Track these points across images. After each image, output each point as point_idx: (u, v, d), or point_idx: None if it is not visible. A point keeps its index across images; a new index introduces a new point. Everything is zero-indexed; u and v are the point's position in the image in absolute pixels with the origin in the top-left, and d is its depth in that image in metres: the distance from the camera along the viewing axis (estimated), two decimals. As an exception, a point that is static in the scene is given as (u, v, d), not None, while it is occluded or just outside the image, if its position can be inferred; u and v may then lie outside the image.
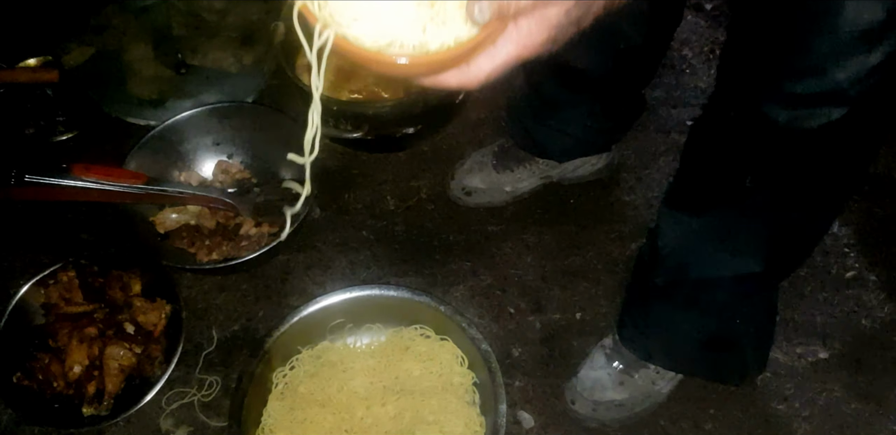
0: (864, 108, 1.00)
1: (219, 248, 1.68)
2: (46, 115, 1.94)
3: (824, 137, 1.04)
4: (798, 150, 1.08)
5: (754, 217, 1.20)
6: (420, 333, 1.56)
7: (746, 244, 1.24)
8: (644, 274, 1.46)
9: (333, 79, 1.86)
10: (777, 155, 1.10)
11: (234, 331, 1.67)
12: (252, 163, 1.83)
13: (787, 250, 1.26)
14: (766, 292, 1.35)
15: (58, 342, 1.55)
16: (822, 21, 0.92)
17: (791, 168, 1.11)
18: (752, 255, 1.25)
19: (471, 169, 1.80)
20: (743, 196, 1.18)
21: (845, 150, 1.08)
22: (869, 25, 0.89)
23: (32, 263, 1.76)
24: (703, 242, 1.28)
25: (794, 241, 1.25)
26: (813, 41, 0.94)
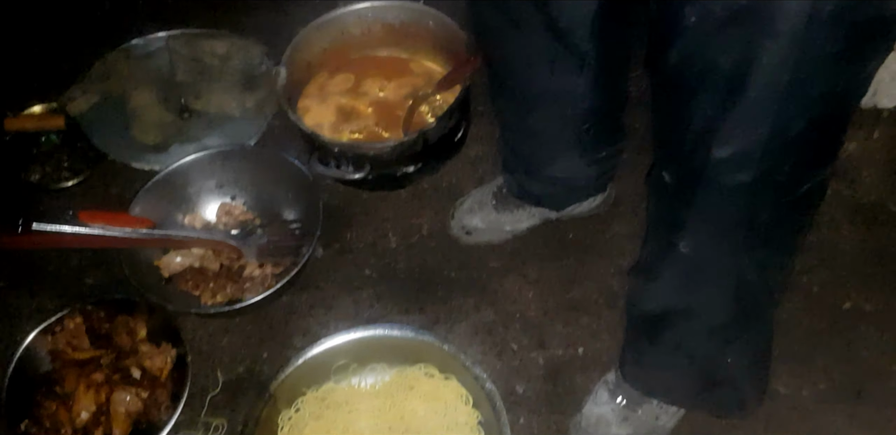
0: (774, 170, 1.03)
1: (223, 290, 1.70)
2: (52, 162, 1.97)
3: (747, 198, 1.08)
4: (730, 212, 1.12)
5: (703, 279, 1.24)
6: (424, 372, 1.57)
7: (707, 300, 1.27)
8: (631, 317, 1.49)
9: (334, 120, 1.89)
10: (713, 217, 1.14)
11: (239, 373, 1.68)
12: (255, 204, 1.86)
13: (750, 302, 1.28)
14: (753, 331, 1.37)
15: (65, 389, 1.57)
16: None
17: (730, 229, 1.15)
18: (716, 308, 1.28)
19: (471, 208, 1.82)
20: (687, 260, 1.21)
21: (768, 210, 1.11)
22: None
23: (39, 309, 1.78)
24: (668, 300, 1.32)
25: (755, 292, 1.27)
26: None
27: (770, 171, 1.03)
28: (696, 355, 1.38)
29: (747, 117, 0.97)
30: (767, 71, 0.91)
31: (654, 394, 1.51)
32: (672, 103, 1.08)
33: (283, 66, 1.81)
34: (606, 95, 1.42)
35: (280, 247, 1.74)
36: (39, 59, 2.18)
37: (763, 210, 1.10)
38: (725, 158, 1.02)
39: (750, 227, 1.13)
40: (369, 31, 1.96)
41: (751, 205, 1.09)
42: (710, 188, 1.08)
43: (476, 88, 1.92)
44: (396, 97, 1.94)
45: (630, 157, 1.78)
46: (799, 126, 0.97)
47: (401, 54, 2.02)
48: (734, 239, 1.15)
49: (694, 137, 1.05)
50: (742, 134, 0.99)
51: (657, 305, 1.34)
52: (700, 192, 1.10)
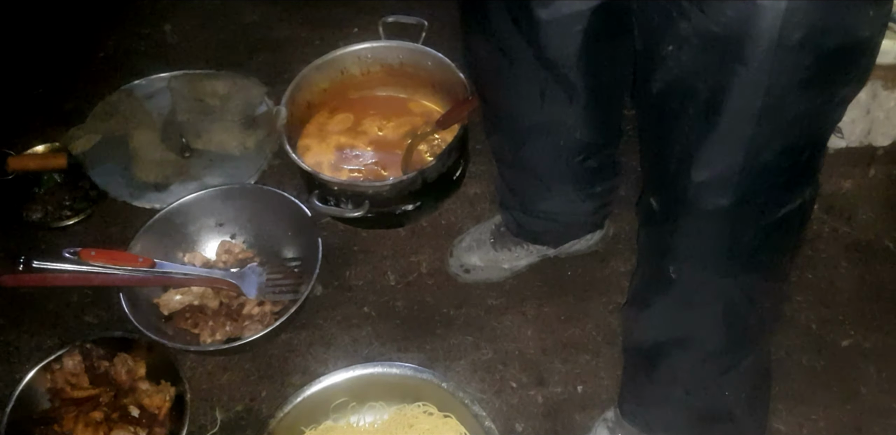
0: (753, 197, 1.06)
1: (222, 328, 1.70)
2: (53, 201, 1.99)
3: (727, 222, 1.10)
4: (711, 236, 1.14)
5: (691, 304, 1.25)
6: (423, 410, 1.57)
7: (698, 326, 1.28)
8: (627, 353, 1.49)
9: (334, 159, 1.91)
10: (696, 242, 1.16)
11: (238, 412, 1.68)
12: (254, 242, 1.87)
13: (740, 327, 1.29)
14: (748, 362, 1.37)
15: (63, 427, 1.56)
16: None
17: (713, 254, 1.16)
18: (708, 334, 1.29)
19: (469, 247, 1.83)
20: (674, 285, 1.23)
21: (761, 234, 1.13)
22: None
23: (38, 347, 1.78)
24: (661, 329, 1.33)
25: (744, 317, 1.27)
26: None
27: (748, 194, 1.05)
28: (693, 388, 1.38)
29: (723, 141, 1.00)
30: (739, 96, 0.94)
31: (654, 431, 1.51)
32: (656, 130, 1.11)
33: (284, 105, 1.83)
34: (598, 127, 1.44)
35: (279, 285, 1.74)
36: (42, 98, 2.20)
37: (744, 233, 1.12)
38: (704, 182, 1.05)
39: (732, 251, 1.14)
40: (369, 71, 1.98)
41: (732, 228, 1.11)
42: (691, 213, 1.11)
43: (474, 128, 1.95)
44: (395, 136, 1.96)
45: (627, 194, 1.81)
46: (773, 150, 1.00)
47: (400, 94, 2.04)
48: (719, 263, 1.17)
49: (676, 162, 1.07)
50: (719, 158, 1.02)
51: (650, 335, 1.35)
52: (682, 216, 1.13)
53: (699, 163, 1.04)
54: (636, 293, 1.37)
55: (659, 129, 1.10)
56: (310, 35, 2.35)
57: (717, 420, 1.42)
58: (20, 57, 2.35)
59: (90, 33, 2.40)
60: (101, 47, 2.36)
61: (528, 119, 1.42)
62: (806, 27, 0.86)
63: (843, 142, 1.93)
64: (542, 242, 1.77)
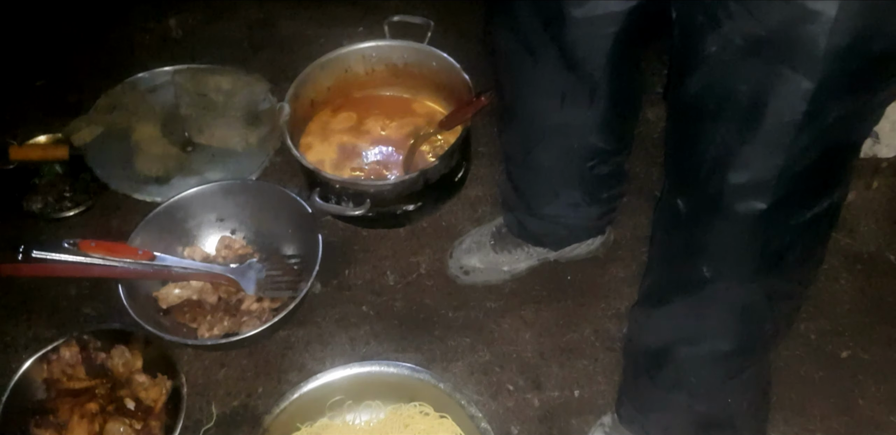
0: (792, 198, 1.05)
1: (220, 323, 1.69)
2: (54, 192, 1.98)
3: (760, 225, 1.09)
4: (743, 238, 1.13)
5: (714, 304, 1.24)
6: (419, 410, 1.56)
7: (715, 324, 1.27)
8: (631, 356, 1.49)
9: (336, 157, 1.90)
10: (727, 243, 1.15)
11: (234, 407, 1.67)
12: (255, 238, 1.86)
13: (756, 330, 1.28)
14: (753, 370, 1.37)
15: (59, 418, 1.55)
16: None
17: (743, 256, 1.15)
18: (722, 333, 1.28)
19: (469, 249, 1.83)
20: (702, 285, 1.21)
21: (790, 237, 1.12)
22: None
23: (35, 337, 1.77)
24: (674, 329, 1.32)
25: (762, 321, 1.27)
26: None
27: (784, 197, 1.04)
28: (697, 392, 1.37)
29: (764, 145, 0.99)
30: (784, 100, 0.94)
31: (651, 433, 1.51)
32: (689, 131, 1.10)
33: (287, 102, 1.82)
34: (613, 133, 1.44)
35: (278, 281, 1.74)
36: (46, 90, 2.19)
37: (775, 235, 1.11)
38: (741, 185, 1.04)
39: (763, 252, 1.13)
40: (373, 70, 1.98)
41: (764, 231, 1.10)
42: (725, 215, 1.10)
43: (477, 130, 1.95)
44: (398, 136, 1.95)
45: (629, 201, 1.80)
46: (813, 154, 0.99)
47: (403, 94, 2.04)
48: (747, 265, 1.16)
49: (710, 164, 1.07)
50: (759, 161, 1.01)
51: (662, 334, 1.34)
52: (716, 218, 1.12)
53: (737, 166, 1.03)
54: (650, 293, 1.36)
55: (693, 131, 1.09)
56: (315, 33, 2.35)
57: (718, 427, 1.42)
58: (25, 48, 2.35)
59: (95, 26, 2.39)
60: (106, 40, 2.36)
61: (546, 119, 1.42)
62: (855, 32, 0.86)
63: (882, 147, 1.93)
64: (544, 245, 1.77)
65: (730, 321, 1.25)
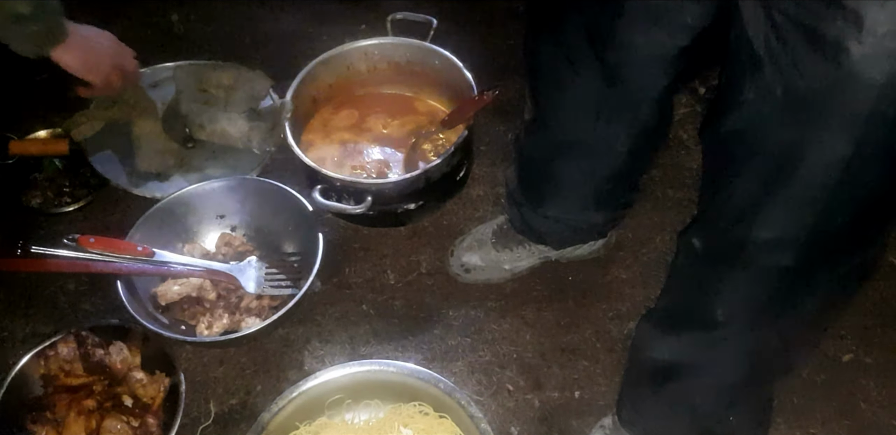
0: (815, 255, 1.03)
1: (219, 320, 1.68)
2: (54, 187, 1.97)
3: (783, 280, 1.08)
4: (763, 290, 1.11)
5: (725, 344, 1.22)
6: (419, 410, 1.55)
7: (723, 360, 1.26)
8: (635, 364, 1.48)
9: (337, 155, 1.89)
10: (744, 292, 1.14)
11: (232, 405, 1.66)
12: (255, 236, 1.85)
13: (765, 369, 1.28)
14: (757, 395, 1.37)
15: (56, 414, 1.54)
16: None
17: (760, 306, 1.14)
18: (730, 369, 1.27)
19: (470, 246, 1.82)
20: (714, 326, 1.20)
21: (813, 291, 1.11)
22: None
23: (33, 333, 1.77)
24: (682, 355, 1.31)
25: (773, 361, 1.26)
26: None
27: (812, 256, 1.02)
28: (698, 412, 1.37)
29: (794, 203, 0.97)
30: (819, 162, 0.91)
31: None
32: (717, 174, 1.08)
33: (289, 99, 1.81)
34: (639, 158, 1.43)
35: (278, 279, 1.73)
36: (46, 84, 2.18)
37: (798, 291, 1.09)
38: (768, 240, 1.03)
39: (782, 305, 1.12)
40: (375, 68, 1.97)
41: (787, 286, 1.09)
42: (745, 266, 1.08)
43: (479, 128, 1.94)
44: (400, 135, 1.95)
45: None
46: (845, 216, 0.97)
47: (405, 92, 2.03)
48: (764, 314, 1.15)
49: (735, 213, 1.05)
50: (787, 218, 0.99)
51: (668, 356, 1.33)
52: (735, 269, 1.10)
53: (763, 221, 1.02)
54: (663, 317, 1.35)
55: (720, 174, 1.07)
56: (317, 30, 2.34)
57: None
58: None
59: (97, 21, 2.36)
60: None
61: (576, 134, 1.40)
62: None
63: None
64: (545, 243, 1.76)
65: (739, 361, 1.24)
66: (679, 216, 1.87)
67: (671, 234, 1.86)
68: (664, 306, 1.36)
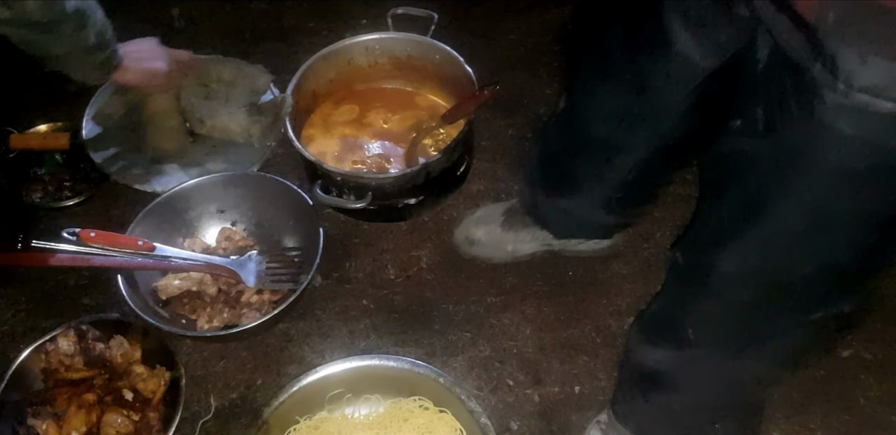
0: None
1: (220, 315, 1.68)
2: (54, 181, 1.97)
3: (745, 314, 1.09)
4: (727, 320, 1.12)
5: (698, 366, 1.24)
6: (419, 404, 1.56)
7: (698, 382, 1.28)
8: (629, 365, 1.48)
9: (338, 150, 1.89)
10: (711, 318, 1.14)
11: (233, 399, 1.67)
12: (255, 230, 1.85)
13: (739, 397, 1.30)
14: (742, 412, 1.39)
15: (56, 408, 1.55)
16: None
17: (726, 335, 1.15)
18: (706, 394, 1.29)
19: (479, 220, 1.83)
20: (688, 345, 1.21)
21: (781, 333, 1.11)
22: None
23: (33, 327, 1.77)
24: (663, 368, 1.32)
25: (744, 393, 1.28)
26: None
27: (774, 297, 1.02)
28: (682, 422, 1.39)
29: (760, 242, 0.98)
30: (786, 208, 0.92)
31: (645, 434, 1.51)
32: (704, 193, 1.10)
33: (290, 94, 1.81)
34: (655, 168, 1.42)
35: (279, 274, 1.73)
36: (47, 78, 2.17)
37: (764, 330, 1.09)
38: (731, 272, 1.03)
39: (749, 340, 1.13)
40: (376, 63, 1.97)
41: (752, 322, 1.09)
42: (713, 294, 1.09)
43: (480, 124, 1.94)
44: (400, 129, 1.94)
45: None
46: (813, 266, 0.97)
47: (406, 87, 2.03)
48: (730, 344, 1.16)
49: (709, 236, 1.06)
50: (752, 255, 1.00)
51: (651, 364, 1.34)
52: (701, 293, 1.11)
53: (730, 252, 1.02)
54: (650, 322, 1.35)
55: (706, 196, 1.09)
56: (318, 25, 2.34)
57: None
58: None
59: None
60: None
61: (597, 134, 1.40)
62: (869, 159, 0.82)
63: None
64: (549, 230, 1.76)
65: (714, 384, 1.26)
66: (680, 212, 1.87)
67: (672, 229, 1.86)
68: (652, 311, 1.37)
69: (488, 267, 1.84)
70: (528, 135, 2.05)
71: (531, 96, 2.13)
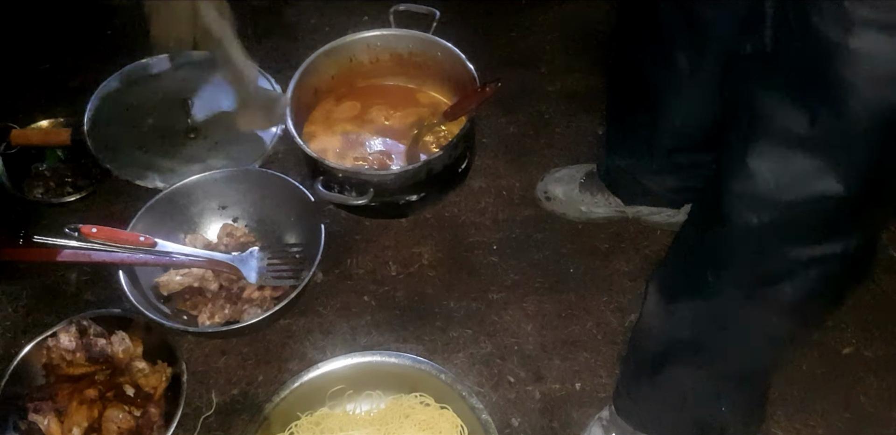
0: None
1: (221, 311, 1.68)
2: (56, 177, 1.97)
3: (753, 240, 1.10)
4: (740, 250, 1.13)
5: (717, 312, 1.23)
6: (420, 401, 1.56)
7: (712, 339, 1.27)
8: (636, 352, 1.49)
9: (339, 146, 1.89)
10: (727, 250, 1.15)
11: (234, 395, 1.67)
12: (257, 227, 1.85)
13: (751, 355, 1.29)
14: (748, 387, 1.39)
15: (58, 404, 1.54)
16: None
17: (741, 269, 1.16)
18: (721, 349, 1.28)
19: (560, 178, 1.89)
20: (708, 290, 1.21)
21: (788, 267, 1.12)
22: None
23: (35, 322, 1.77)
24: (680, 329, 1.31)
25: (762, 346, 1.28)
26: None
27: (777, 220, 1.05)
28: (689, 401, 1.38)
29: (765, 156, 1.01)
30: (791, 122, 0.96)
31: (647, 429, 1.51)
32: (721, 130, 1.12)
33: (291, 90, 1.81)
34: (694, 127, 1.47)
35: (280, 270, 1.73)
36: (49, 74, 2.18)
37: (772, 261, 1.11)
38: (739, 194, 1.06)
39: (764, 275, 1.13)
40: (377, 59, 1.97)
41: (760, 250, 1.10)
42: (723, 222, 1.10)
43: (481, 121, 1.94)
44: (402, 126, 1.94)
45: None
46: (811, 187, 0.99)
47: (408, 84, 2.03)
48: (746, 280, 1.16)
49: (724, 167, 1.09)
50: (758, 170, 1.02)
51: (675, 327, 1.33)
52: (715, 223, 1.12)
53: (738, 171, 1.04)
54: (667, 278, 1.35)
55: (721, 131, 1.11)
56: (319, 21, 2.34)
57: (709, 432, 1.44)
58: (29, 32, 2.34)
59: (99, 11, 2.38)
60: (109, 25, 2.34)
61: (654, 96, 1.47)
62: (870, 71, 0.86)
63: None
64: (618, 194, 1.81)
65: (730, 340, 1.25)
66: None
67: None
68: (666, 265, 1.39)
69: (490, 264, 1.84)
70: (530, 132, 2.06)
71: (533, 93, 2.14)
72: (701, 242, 1.20)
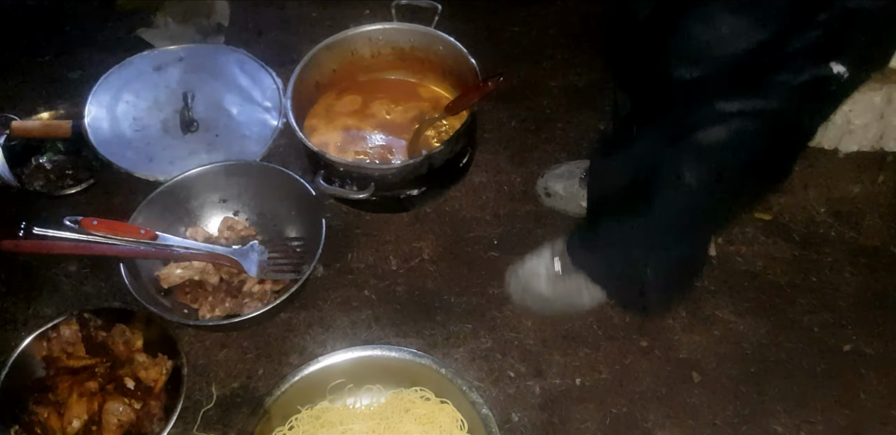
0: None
1: (222, 304, 1.69)
2: (56, 169, 1.97)
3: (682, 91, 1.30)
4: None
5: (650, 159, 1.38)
6: (420, 395, 1.56)
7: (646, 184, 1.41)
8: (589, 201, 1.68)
9: (340, 140, 1.89)
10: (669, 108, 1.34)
11: (234, 388, 1.67)
12: (257, 220, 1.85)
13: (678, 202, 1.40)
14: (677, 252, 1.52)
15: (58, 396, 1.55)
16: None
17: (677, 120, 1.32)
18: (645, 203, 1.42)
19: (561, 175, 1.89)
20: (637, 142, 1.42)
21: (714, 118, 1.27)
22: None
23: (35, 314, 1.77)
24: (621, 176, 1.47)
25: (683, 197, 1.39)
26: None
27: (705, 73, 1.24)
28: (622, 254, 1.54)
29: (702, 20, 1.21)
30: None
31: (583, 268, 1.62)
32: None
33: (293, 84, 1.81)
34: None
35: (281, 264, 1.73)
36: (50, 66, 2.18)
37: (694, 112, 1.26)
38: (675, 50, 1.27)
39: (684, 125, 1.28)
40: (379, 53, 1.97)
41: (687, 97, 1.27)
42: (659, 78, 1.30)
43: (483, 115, 1.94)
44: (403, 120, 1.94)
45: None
46: (735, 47, 1.20)
47: (409, 78, 2.03)
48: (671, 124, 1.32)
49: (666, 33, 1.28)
50: (694, 29, 1.23)
51: (604, 184, 1.52)
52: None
53: (680, 34, 1.23)
54: (604, 143, 1.53)
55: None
56: (321, 15, 2.34)
57: (631, 286, 1.61)
58: (30, 24, 2.34)
59: (101, 3, 2.37)
60: (111, 18, 2.34)
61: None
62: None
63: (889, 140, 1.94)
64: None
65: (657, 184, 1.38)
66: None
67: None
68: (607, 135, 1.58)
69: (490, 259, 1.84)
70: (532, 127, 2.05)
71: (534, 88, 2.14)
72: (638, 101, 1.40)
